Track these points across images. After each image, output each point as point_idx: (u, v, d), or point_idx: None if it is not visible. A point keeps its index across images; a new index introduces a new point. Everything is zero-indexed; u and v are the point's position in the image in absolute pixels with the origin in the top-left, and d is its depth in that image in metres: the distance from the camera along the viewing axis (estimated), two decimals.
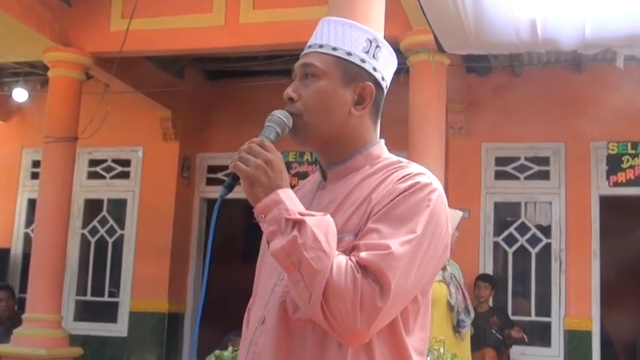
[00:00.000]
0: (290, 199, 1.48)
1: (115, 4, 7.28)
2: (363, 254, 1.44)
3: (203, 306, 1.64)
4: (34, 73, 8.83)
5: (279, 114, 1.62)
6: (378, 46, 1.70)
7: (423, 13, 5.29)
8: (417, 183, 1.54)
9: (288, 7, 6.71)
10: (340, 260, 1.43)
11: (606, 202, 8.11)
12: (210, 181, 9.43)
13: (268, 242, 1.47)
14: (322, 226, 1.45)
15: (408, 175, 1.57)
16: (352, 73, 1.66)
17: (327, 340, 1.49)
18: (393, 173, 1.59)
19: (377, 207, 1.53)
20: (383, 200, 1.53)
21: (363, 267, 1.42)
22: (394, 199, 1.52)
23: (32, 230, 8.55)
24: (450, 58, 6.47)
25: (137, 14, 6.48)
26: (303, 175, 8.74)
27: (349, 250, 1.48)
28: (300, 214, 1.46)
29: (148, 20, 6.93)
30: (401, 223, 1.48)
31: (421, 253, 1.49)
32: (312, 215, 1.46)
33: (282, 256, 1.44)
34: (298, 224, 1.43)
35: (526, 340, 7.30)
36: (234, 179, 1.54)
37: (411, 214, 1.50)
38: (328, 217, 1.48)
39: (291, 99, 1.65)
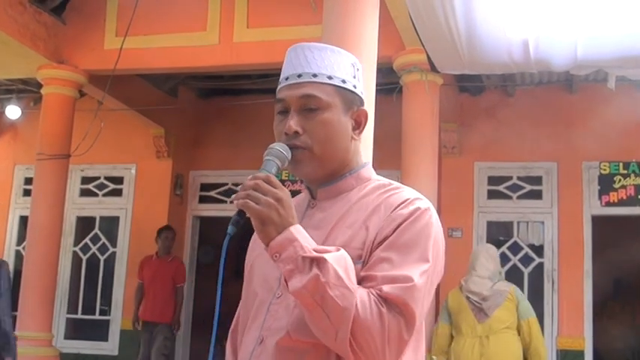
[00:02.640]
0: (303, 236, 1.46)
1: (109, 22, 7.30)
2: (385, 288, 1.44)
3: (217, 326, 1.60)
4: (28, 90, 8.83)
5: (279, 147, 1.59)
6: (358, 69, 1.71)
7: (417, 33, 5.33)
8: (418, 209, 1.56)
9: (282, 26, 6.74)
10: (363, 295, 1.43)
11: (598, 221, 8.13)
12: (203, 199, 9.42)
13: (286, 281, 1.44)
14: (341, 261, 1.44)
15: (406, 200, 1.58)
16: (349, 100, 1.65)
17: None
18: (388, 198, 1.60)
19: (380, 234, 1.53)
20: (386, 228, 1.53)
21: (384, 299, 1.43)
22: (399, 226, 1.53)
23: (23, 247, 8.50)
24: (443, 77, 6.50)
25: (131, 32, 6.50)
26: (296, 194, 8.70)
27: (359, 280, 1.48)
28: (315, 251, 1.44)
29: (141, 38, 6.95)
30: (409, 250, 1.50)
31: (431, 280, 1.52)
32: (328, 251, 1.45)
33: (305, 295, 1.41)
34: (317, 261, 1.42)
35: None
36: (241, 215, 1.50)
37: (418, 241, 1.52)
38: (343, 251, 1.47)
39: (296, 132, 1.61)
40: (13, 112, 9.08)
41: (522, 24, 4.94)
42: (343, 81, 1.65)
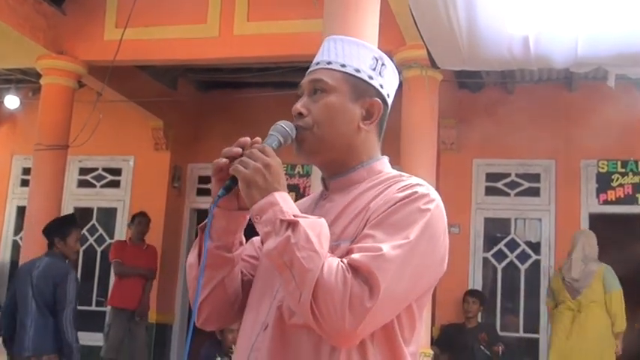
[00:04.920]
0: (286, 202, 1.51)
1: (109, 14, 7.29)
2: (354, 255, 1.46)
3: (193, 315, 1.64)
4: (27, 81, 8.81)
5: (284, 124, 1.65)
6: (383, 64, 1.74)
7: (417, 28, 5.32)
8: (415, 192, 1.56)
9: (283, 20, 6.73)
10: (332, 261, 1.44)
11: (596, 219, 8.14)
12: (201, 192, 9.41)
13: (262, 243, 1.50)
14: (315, 227, 1.47)
15: (406, 185, 1.60)
16: (361, 89, 1.69)
17: (321, 346, 1.51)
18: (392, 185, 1.62)
19: (374, 214, 1.55)
20: (380, 208, 1.55)
21: (353, 268, 1.44)
22: (391, 206, 1.54)
23: (20, 238, 8.50)
24: (443, 73, 6.50)
25: (131, 24, 6.49)
26: (294, 188, 8.73)
27: (344, 256, 1.49)
28: (294, 215, 1.48)
29: (141, 30, 6.93)
30: (396, 230, 1.50)
31: (414, 259, 1.50)
32: (306, 217, 1.49)
33: (275, 255, 1.46)
34: (292, 225, 1.46)
35: (500, 352, 7.28)
36: (233, 181, 1.57)
37: (407, 222, 1.52)
38: (322, 220, 1.51)
39: (300, 114, 1.68)
40: (11, 102, 9.06)
41: (523, 19, 4.94)
42: (357, 70, 1.69)
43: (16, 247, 9.26)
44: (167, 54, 7.20)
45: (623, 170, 8.07)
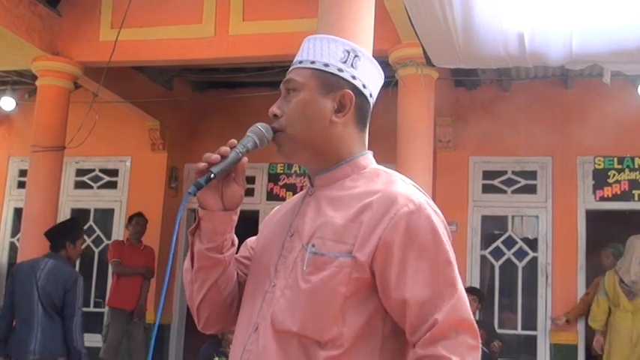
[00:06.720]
0: None
1: (104, 14, 7.28)
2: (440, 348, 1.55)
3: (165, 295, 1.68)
4: (22, 82, 8.81)
5: (260, 126, 1.68)
6: (356, 56, 1.73)
7: (412, 26, 5.32)
8: (418, 227, 1.56)
9: (278, 20, 6.73)
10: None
11: (592, 216, 8.15)
12: None
13: None
14: None
15: (401, 207, 1.57)
16: (330, 82, 1.69)
17: (312, 353, 1.51)
18: (381, 197, 1.59)
19: (383, 243, 1.53)
20: (389, 237, 1.54)
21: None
22: (407, 257, 1.53)
23: (18, 239, 8.49)
24: (439, 71, 6.50)
25: (126, 24, 6.48)
26: (291, 187, 8.73)
27: (347, 272, 1.52)
28: None
29: (137, 30, 6.93)
30: (438, 285, 1.53)
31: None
32: None
33: None
34: None
35: (497, 349, 7.29)
36: (206, 181, 1.63)
37: (438, 270, 1.54)
38: None
39: (275, 116, 1.70)
40: (7, 103, 9.06)
41: (518, 16, 4.94)
42: (326, 65, 1.69)
43: (13, 249, 9.25)
44: (163, 54, 7.19)
45: (620, 167, 8.09)
